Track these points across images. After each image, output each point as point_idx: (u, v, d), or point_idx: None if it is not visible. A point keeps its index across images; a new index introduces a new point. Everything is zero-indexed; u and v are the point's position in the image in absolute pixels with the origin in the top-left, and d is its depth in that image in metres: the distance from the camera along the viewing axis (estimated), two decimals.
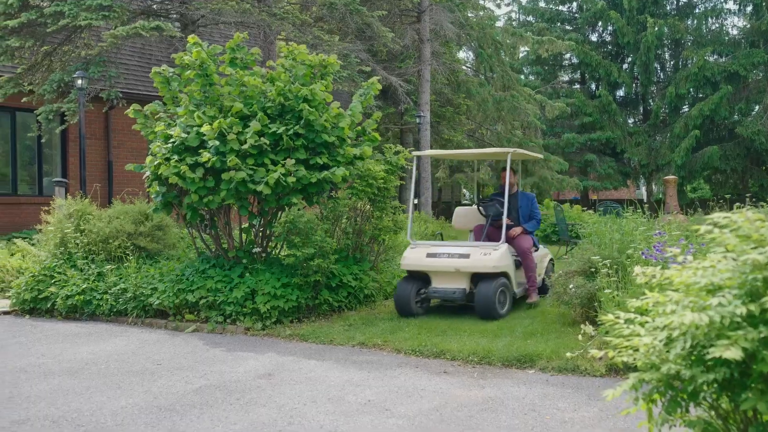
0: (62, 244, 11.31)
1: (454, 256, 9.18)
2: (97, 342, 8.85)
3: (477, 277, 9.34)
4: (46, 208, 12.06)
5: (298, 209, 9.74)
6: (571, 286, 8.42)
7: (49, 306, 10.50)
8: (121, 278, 10.52)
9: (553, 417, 5.83)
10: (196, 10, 15.46)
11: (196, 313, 9.74)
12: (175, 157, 9.43)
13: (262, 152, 9.42)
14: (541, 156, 11.40)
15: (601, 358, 7.17)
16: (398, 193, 19.43)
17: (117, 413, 6.01)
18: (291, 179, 9.20)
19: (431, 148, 25.56)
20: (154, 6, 16.20)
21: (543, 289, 10.73)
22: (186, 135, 9.47)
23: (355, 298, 10.23)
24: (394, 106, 25.83)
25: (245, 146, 9.20)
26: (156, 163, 9.66)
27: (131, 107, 10.28)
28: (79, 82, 13.14)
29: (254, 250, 10.00)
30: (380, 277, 10.85)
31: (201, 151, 9.34)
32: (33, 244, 12.37)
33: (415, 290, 9.47)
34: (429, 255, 9.30)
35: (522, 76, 38.40)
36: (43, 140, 16.31)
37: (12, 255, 12.37)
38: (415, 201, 23.99)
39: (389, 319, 9.48)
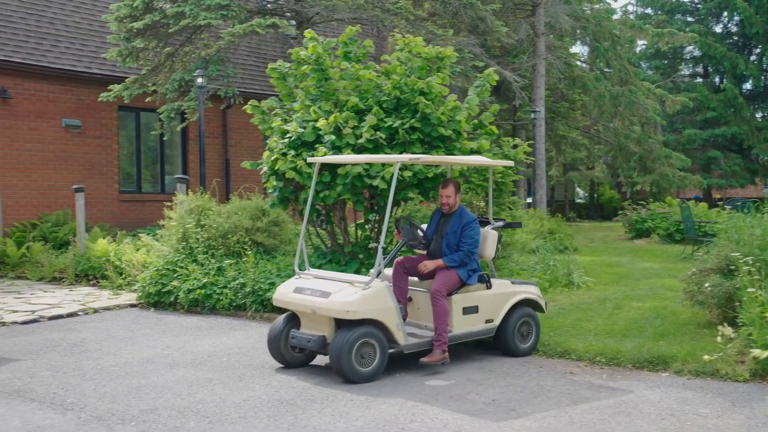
0: (184, 239, 11.58)
1: (315, 293, 6.89)
2: (218, 335, 8.96)
3: (341, 323, 6.86)
4: (169, 204, 12.39)
5: (415, 204, 9.56)
6: (706, 285, 7.87)
7: (171, 299, 10.76)
8: (239, 273, 10.66)
9: (694, 423, 5.40)
10: (310, 7, 15.60)
11: None
12: (292, 152, 9.43)
13: (378, 146, 9.29)
14: (510, 162, 8.61)
15: (744, 362, 6.64)
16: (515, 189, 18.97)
17: (240, 405, 6.00)
18: (407, 173, 9.04)
19: (545, 144, 24.92)
20: (269, 5, 16.45)
21: (502, 345, 7.55)
22: (302, 130, 9.46)
23: None
24: (507, 102, 25.34)
25: (361, 140, 9.10)
26: (273, 158, 9.70)
27: (249, 103, 10.37)
28: (200, 80, 13.47)
29: (370, 246, 9.91)
30: (498, 274, 10.54)
31: (317, 145, 9.31)
32: (157, 240, 12.75)
33: (287, 332, 7.26)
34: (296, 289, 7.14)
35: (640, 71, 37.00)
36: (165, 138, 16.87)
37: (137, 250, 12.78)
38: (528, 200, 23.41)
39: None
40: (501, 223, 7.99)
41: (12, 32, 15.05)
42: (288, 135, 9.56)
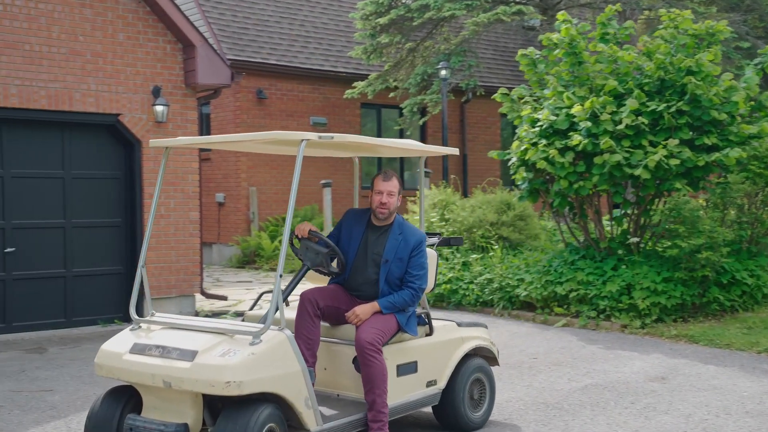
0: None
1: (170, 354, 4.18)
2: None
3: (215, 403, 4.29)
4: (412, 198, 12.39)
5: (683, 195, 8.68)
6: None
7: None
8: (486, 268, 10.34)
9: None
10: None
11: (565, 306, 9.17)
12: (543, 141, 8.95)
13: (639, 133, 8.54)
14: (454, 151, 5.55)
15: None
16: None
17: (503, 407, 5.63)
18: (674, 162, 8.20)
19: None
20: None
21: (449, 415, 5.12)
22: (554, 117, 8.94)
23: (752, 297, 8.86)
24: None
25: (620, 127, 8.42)
26: (522, 148, 9.27)
27: (498, 91, 10.04)
28: (443, 72, 13.40)
29: (629, 241, 9.15)
30: None
31: (570, 133, 8.75)
32: None
33: (120, 418, 4.45)
34: (136, 348, 4.36)
35: None
36: (408, 133, 17.03)
37: None
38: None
39: None
40: (436, 239, 5.48)
41: (268, 35, 15.91)
42: (539, 123, 9.10)
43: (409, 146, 5.29)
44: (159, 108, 9.31)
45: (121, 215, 9.43)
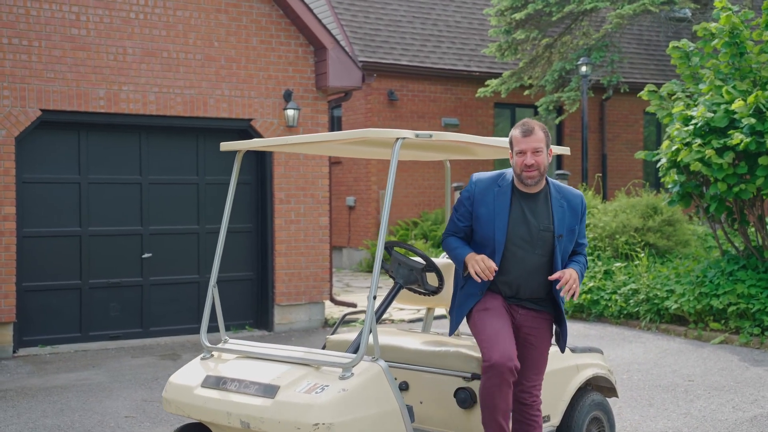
0: None
1: (247, 390, 3.62)
2: (611, 347, 8.04)
3: None
4: None
5: None
6: None
7: None
8: (630, 277, 9.62)
9: None
10: None
11: (723, 321, 8.35)
12: (698, 140, 8.18)
13: None
14: (565, 150, 4.58)
15: None
16: None
17: None
18: None
19: None
20: None
21: None
22: (711, 114, 8.15)
23: None
24: None
25: None
26: (674, 148, 8.52)
27: (645, 88, 9.32)
28: (583, 68, 12.69)
29: None
30: None
31: (730, 132, 7.95)
32: None
33: None
34: (209, 381, 3.81)
35: None
36: None
37: None
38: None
39: None
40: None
41: (400, 36, 15.68)
42: (693, 121, 8.32)
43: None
44: (290, 112, 9.21)
45: (253, 221, 9.40)
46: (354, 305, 10.16)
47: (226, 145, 4.37)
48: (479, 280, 3.68)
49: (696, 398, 6.04)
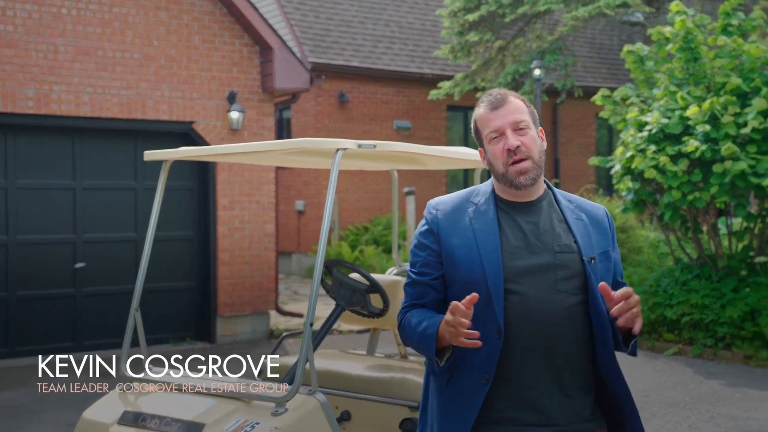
0: None
1: (168, 428, 3.25)
2: None
3: None
4: None
5: None
6: None
7: None
8: None
9: None
10: None
11: (676, 332, 8.21)
12: (652, 147, 8.02)
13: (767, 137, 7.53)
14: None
15: None
16: None
17: None
18: None
19: None
20: None
21: None
22: (666, 120, 8.00)
23: None
24: None
25: (745, 130, 7.46)
26: (628, 155, 8.36)
27: (599, 93, 9.17)
28: (537, 71, 12.50)
29: (755, 260, 8.11)
30: None
31: (684, 138, 7.81)
32: None
33: None
34: (127, 417, 3.44)
35: None
36: None
37: None
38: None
39: None
40: None
41: (351, 37, 15.34)
42: (647, 127, 8.16)
43: (466, 156, 4.08)
44: (234, 114, 8.81)
45: (194, 228, 8.97)
46: (301, 315, 9.80)
47: (150, 155, 4.03)
48: (470, 344, 2.10)
49: (652, 416, 5.83)
